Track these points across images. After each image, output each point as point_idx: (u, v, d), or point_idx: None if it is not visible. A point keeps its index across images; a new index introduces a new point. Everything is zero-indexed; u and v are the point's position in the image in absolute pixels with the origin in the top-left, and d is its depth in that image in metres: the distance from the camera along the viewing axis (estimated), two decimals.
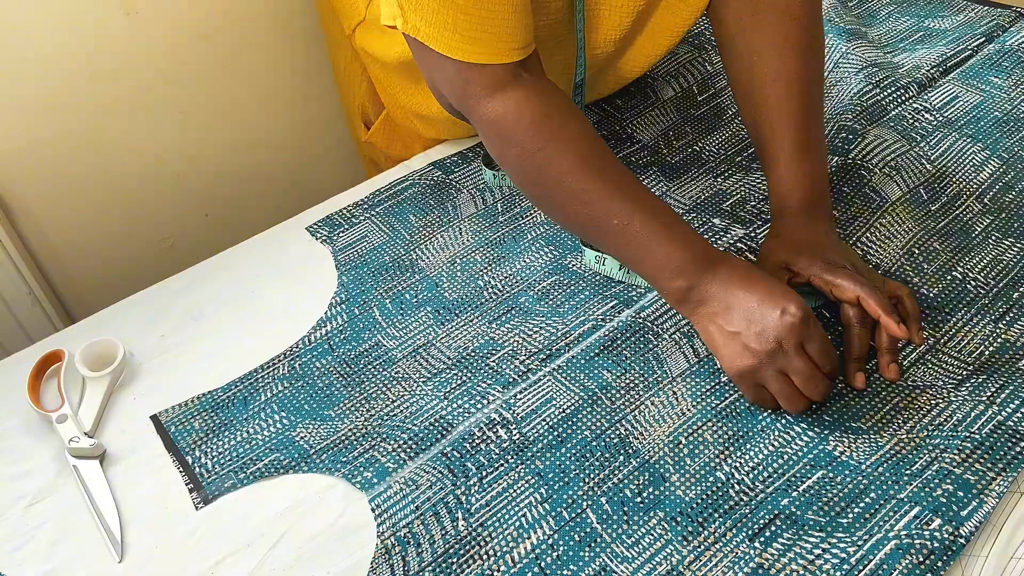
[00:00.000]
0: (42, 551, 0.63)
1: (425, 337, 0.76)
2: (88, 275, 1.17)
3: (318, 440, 0.68)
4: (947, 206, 0.82)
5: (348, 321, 0.78)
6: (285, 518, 0.64)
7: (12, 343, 1.07)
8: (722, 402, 0.68)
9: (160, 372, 0.76)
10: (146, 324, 0.79)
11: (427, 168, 0.93)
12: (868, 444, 0.64)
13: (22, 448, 0.70)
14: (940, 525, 0.57)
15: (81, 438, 0.69)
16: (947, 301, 0.74)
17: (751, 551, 0.58)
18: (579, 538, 0.61)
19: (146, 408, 0.73)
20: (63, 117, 1.04)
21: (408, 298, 0.80)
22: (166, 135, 1.13)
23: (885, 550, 0.57)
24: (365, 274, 0.83)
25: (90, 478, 0.67)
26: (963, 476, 0.60)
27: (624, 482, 0.63)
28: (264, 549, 0.62)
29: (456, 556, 0.60)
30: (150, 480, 0.68)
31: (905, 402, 0.66)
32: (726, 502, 0.61)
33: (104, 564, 0.62)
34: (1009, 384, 0.66)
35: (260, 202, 1.27)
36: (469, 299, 0.79)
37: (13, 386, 0.74)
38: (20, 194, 1.06)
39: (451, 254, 0.84)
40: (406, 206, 0.89)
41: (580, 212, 0.69)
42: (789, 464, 0.63)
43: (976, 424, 0.63)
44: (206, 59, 1.11)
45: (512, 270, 0.81)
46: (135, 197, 1.16)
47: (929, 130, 0.90)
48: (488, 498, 0.63)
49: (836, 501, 0.60)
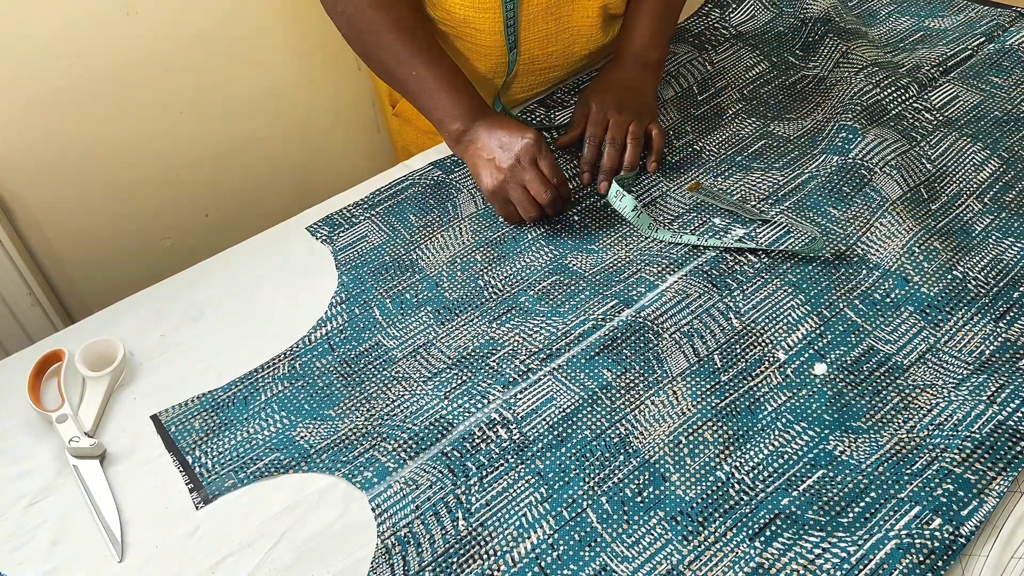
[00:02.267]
0: (42, 551, 0.63)
1: (425, 337, 0.76)
2: (88, 275, 1.17)
3: (318, 440, 0.68)
4: (947, 205, 0.82)
5: (348, 321, 0.78)
6: (285, 518, 0.64)
7: (12, 343, 1.07)
8: (722, 401, 0.68)
9: (160, 372, 0.75)
10: (146, 324, 0.79)
11: (427, 168, 0.93)
12: (868, 443, 0.64)
13: (22, 448, 0.70)
14: (940, 525, 0.57)
15: (81, 438, 0.69)
16: (947, 300, 0.74)
17: (751, 551, 0.58)
18: (579, 538, 0.61)
19: (146, 408, 0.73)
20: (63, 117, 1.04)
21: (408, 298, 0.80)
22: (166, 135, 1.13)
23: (885, 550, 0.56)
24: (365, 273, 0.82)
25: (90, 478, 0.67)
26: (963, 476, 0.60)
27: (624, 482, 0.63)
28: (264, 549, 0.62)
29: (456, 556, 0.60)
30: (150, 480, 0.68)
31: (905, 402, 0.66)
32: (726, 502, 0.61)
33: (104, 564, 0.62)
34: (1009, 384, 0.66)
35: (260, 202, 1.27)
36: (469, 299, 0.79)
37: (13, 386, 0.74)
38: (20, 194, 1.06)
39: (451, 254, 0.84)
40: (406, 206, 0.89)
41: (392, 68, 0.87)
42: (789, 464, 0.63)
43: (976, 424, 0.63)
44: (206, 59, 1.11)
45: (512, 270, 0.81)
46: (135, 197, 1.16)
47: (929, 130, 0.90)
48: (488, 498, 0.63)
49: (836, 501, 0.60)
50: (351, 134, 1.34)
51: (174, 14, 1.05)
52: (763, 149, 0.92)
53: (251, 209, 1.26)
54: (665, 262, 0.79)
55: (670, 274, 0.78)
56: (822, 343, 0.71)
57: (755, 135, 0.94)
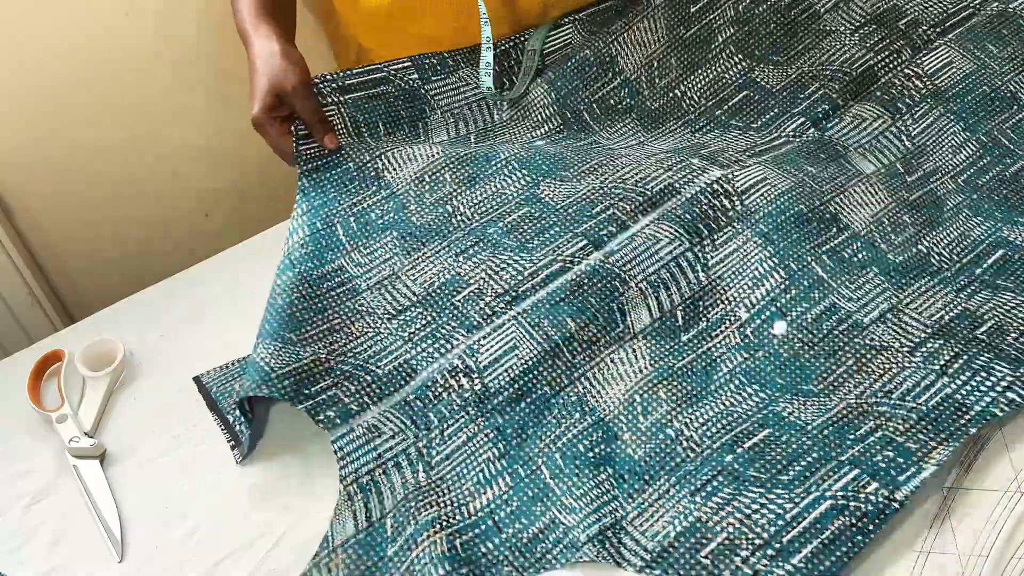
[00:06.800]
0: (42, 551, 0.63)
1: (391, 268, 0.74)
2: (88, 275, 1.17)
3: (279, 364, 0.67)
4: (922, 180, 0.83)
5: (310, 235, 0.75)
6: (285, 518, 0.64)
7: (12, 343, 1.07)
8: (679, 362, 0.69)
9: (160, 372, 0.76)
10: (146, 324, 0.79)
11: (405, 66, 0.88)
12: (818, 406, 0.65)
13: (22, 448, 0.70)
14: (876, 488, 0.58)
15: (81, 438, 0.69)
16: (911, 269, 0.74)
17: (692, 505, 0.60)
18: (532, 493, 0.62)
19: (146, 408, 0.73)
20: (63, 117, 1.04)
21: (373, 218, 0.77)
22: (166, 135, 1.13)
23: (820, 509, 0.57)
24: (326, 180, 0.79)
25: (90, 478, 0.67)
26: (904, 444, 0.60)
27: (578, 438, 0.65)
28: (264, 549, 0.62)
29: (415, 502, 0.62)
30: (150, 480, 0.68)
31: (859, 364, 0.67)
32: (673, 459, 0.63)
33: (104, 564, 0.62)
34: (964, 353, 0.66)
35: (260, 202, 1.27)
36: (437, 227, 0.77)
37: (13, 386, 0.74)
38: (20, 194, 1.06)
39: (419, 168, 0.80)
40: (376, 108, 0.85)
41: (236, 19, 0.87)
42: (738, 421, 0.64)
43: (925, 395, 0.64)
44: (206, 59, 1.11)
45: (482, 196, 0.79)
46: (135, 197, 1.16)
47: (916, 99, 0.89)
48: (448, 451, 0.65)
49: (778, 459, 0.61)
50: None
51: (174, 14, 1.05)
52: (743, 103, 0.90)
53: (251, 209, 1.26)
54: (639, 199, 0.77)
55: (642, 214, 0.76)
56: (785, 299, 0.71)
57: (738, 82, 0.91)
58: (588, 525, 0.60)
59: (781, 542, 0.56)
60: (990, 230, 0.77)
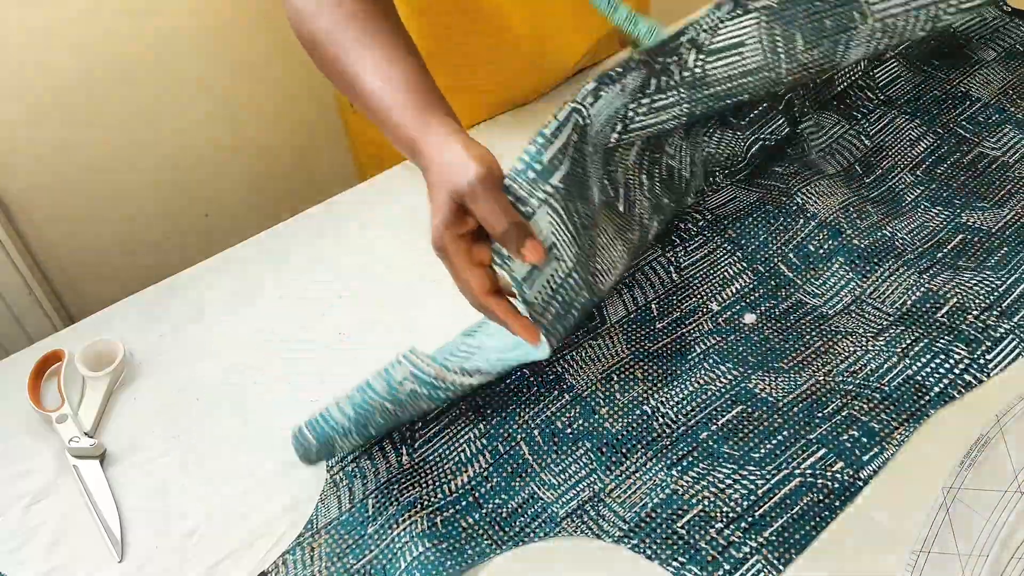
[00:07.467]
0: (42, 551, 0.63)
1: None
2: (88, 275, 1.17)
3: None
4: (881, 178, 0.85)
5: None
6: (285, 518, 0.64)
7: (12, 343, 1.07)
8: (654, 345, 0.71)
9: (160, 372, 0.76)
10: (146, 324, 0.79)
11: None
12: (788, 383, 0.66)
13: (22, 448, 0.70)
14: (842, 468, 0.61)
15: (81, 438, 0.69)
16: (876, 252, 0.76)
17: (668, 479, 0.61)
18: (511, 469, 0.64)
19: (146, 408, 0.73)
20: (63, 118, 1.04)
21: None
22: (166, 135, 1.14)
23: (790, 486, 0.60)
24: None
25: (90, 478, 0.67)
26: (869, 424, 0.63)
27: (557, 414, 0.66)
28: (264, 549, 0.62)
29: (397, 483, 0.63)
30: (150, 480, 0.68)
31: (827, 346, 0.69)
32: (649, 434, 0.64)
33: (104, 564, 0.63)
34: (924, 337, 0.68)
35: (260, 202, 1.27)
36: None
37: (13, 386, 0.74)
38: (20, 194, 1.06)
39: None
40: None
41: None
42: (712, 399, 0.66)
43: (887, 376, 0.66)
44: (206, 60, 1.11)
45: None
46: (135, 197, 1.16)
47: (871, 108, 0.91)
48: (430, 434, 0.66)
49: (751, 437, 0.63)
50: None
51: (174, 16, 1.05)
52: None
53: (251, 209, 1.26)
54: None
55: None
56: (754, 296, 0.74)
57: None
58: (567, 501, 0.61)
59: (753, 516, 0.59)
60: (949, 218, 0.79)
